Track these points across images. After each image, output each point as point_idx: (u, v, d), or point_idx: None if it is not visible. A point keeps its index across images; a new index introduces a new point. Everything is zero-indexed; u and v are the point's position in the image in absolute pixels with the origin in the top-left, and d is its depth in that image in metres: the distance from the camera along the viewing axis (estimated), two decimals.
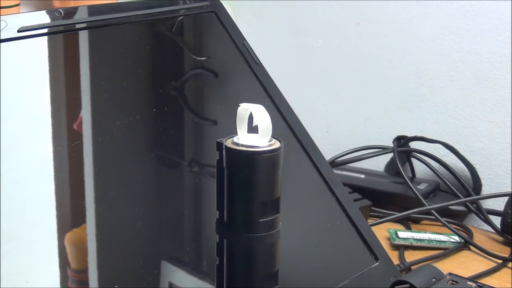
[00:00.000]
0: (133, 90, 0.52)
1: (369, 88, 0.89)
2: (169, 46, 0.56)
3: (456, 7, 0.81)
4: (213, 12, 0.59)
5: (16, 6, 0.73)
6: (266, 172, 0.38)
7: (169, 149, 0.52)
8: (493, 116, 0.80)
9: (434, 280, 0.51)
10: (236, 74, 0.59)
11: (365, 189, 0.79)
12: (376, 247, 0.56)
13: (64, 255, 0.43)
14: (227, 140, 0.39)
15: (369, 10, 0.88)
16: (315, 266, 0.53)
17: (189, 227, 0.51)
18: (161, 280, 0.46)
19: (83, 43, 0.51)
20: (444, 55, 0.82)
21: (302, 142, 0.57)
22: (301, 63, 0.95)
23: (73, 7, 0.51)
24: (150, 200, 0.49)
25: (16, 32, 0.47)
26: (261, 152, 0.37)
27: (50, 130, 0.47)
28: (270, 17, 0.97)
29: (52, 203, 0.44)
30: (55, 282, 0.42)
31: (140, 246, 0.47)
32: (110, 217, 0.46)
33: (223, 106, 0.57)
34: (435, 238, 0.70)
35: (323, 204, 0.57)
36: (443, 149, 0.81)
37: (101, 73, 0.51)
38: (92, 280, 0.44)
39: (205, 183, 0.52)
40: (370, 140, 0.89)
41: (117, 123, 0.49)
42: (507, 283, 0.63)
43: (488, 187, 0.81)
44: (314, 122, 0.93)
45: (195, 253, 0.49)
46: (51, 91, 0.48)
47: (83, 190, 0.46)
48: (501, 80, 0.79)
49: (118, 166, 0.49)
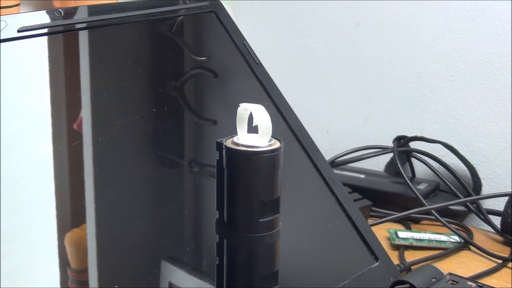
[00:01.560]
0: (133, 90, 0.52)
1: (369, 88, 0.89)
2: (169, 46, 0.56)
3: (456, 7, 0.81)
4: (213, 12, 0.59)
5: (16, 6, 0.73)
6: (266, 172, 0.38)
7: (169, 149, 0.52)
8: (493, 116, 0.80)
9: (434, 280, 0.51)
10: (236, 74, 0.59)
11: (365, 189, 0.79)
12: (376, 247, 0.56)
13: (64, 255, 0.43)
14: (227, 140, 0.39)
15: (369, 10, 0.88)
16: (315, 266, 0.53)
17: (189, 227, 0.51)
18: (161, 280, 0.46)
19: (83, 43, 0.51)
20: (444, 55, 0.82)
21: (302, 142, 0.57)
22: (301, 63, 0.95)
23: (73, 7, 0.51)
24: (150, 200, 0.49)
25: (16, 32, 0.47)
26: (261, 152, 0.37)
27: (50, 130, 0.47)
28: (270, 17, 0.97)
29: (52, 203, 0.44)
30: (55, 282, 0.42)
31: (140, 246, 0.47)
32: (110, 217, 0.46)
33: (223, 106, 0.57)
34: (435, 238, 0.70)
35: (323, 204, 0.57)
36: (443, 149, 0.81)
37: (101, 73, 0.51)
38: (92, 280, 0.44)
39: (205, 183, 0.52)
40: (370, 140, 0.89)
41: (117, 123, 0.49)
42: (507, 283, 0.63)
43: (488, 187, 0.81)
44: (314, 122, 0.93)
45: (195, 253, 0.49)
46: (51, 91, 0.48)
47: (83, 190, 0.46)
48: (501, 80, 0.79)
49: (118, 166, 0.49)
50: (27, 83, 0.47)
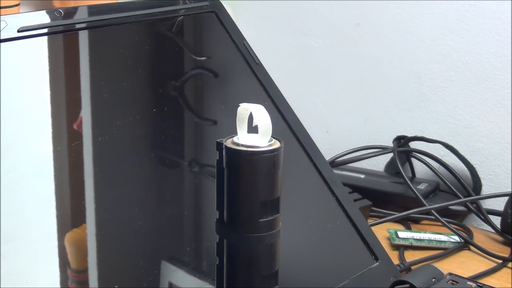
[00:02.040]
0: (133, 90, 0.52)
1: (369, 88, 0.89)
2: (169, 46, 0.56)
3: (456, 7, 0.81)
4: (213, 12, 0.59)
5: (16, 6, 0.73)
6: (266, 172, 0.38)
7: (169, 149, 0.52)
8: (493, 116, 0.80)
9: (434, 280, 0.51)
10: (236, 74, 0.59)
11: (365, 189, 0.79)
12: (376, 247, 0.56)
13: (64, 255, 0.43)
14: (227, 140, 0.39)
15: (369, 10, 0.88)
16: (315, 266, 0.53)
17: (189, 227, 0.51)
18: (161, 280, 0.46)
19: (83, 43, 0.51)
20: (444, 55, 0.82)
21: (302, 142, 0.57)
22: (301, 63, 0.95)
23: (73, 7, 0.51)
24: (150, 200, 0.49)
25: (16, 32, 0.47)
26: (261, 152, 0.37)
27: (50, 130, 0.47)
28: (270, 17, 0.97)
29: (52, 203, 0.44)
30: (55, 282, 0.42)
31: (140, 246, 0.47)
32: (110, 217, 0.46)
33: (223, 106, 0.57)
34: (435, 238, 0.69)
35: (323, 204, 0.57)
36: (443, 149, 0.81)
37: (101, 73, 0.51)
38: (92, 280, 0.44)
39: (205, 183, 0.52)
40: (370, 140, 0.89)
41: (117, 123, 0.49)
42: (507, 283, 0.63)
43: (488, 187, 0.81)
44: (314, 122, 0.93)
45: (195, 253, 0.49)
46: (51, 91, 0.48)
47: (83, 190, 0.46)
48: (501, 80, 0.79)
49: (118, 166, 0.49)
50: (27, 83, 0.47)
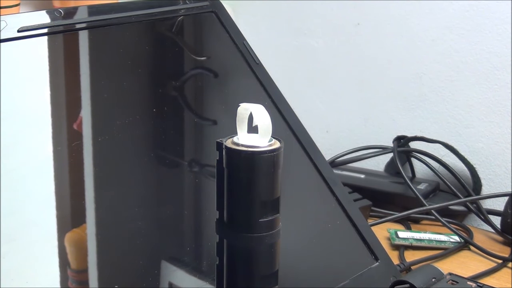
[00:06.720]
0: (133, 90, 0.52)
1: (369, 88, 0.89)
2: (169, 46, 0.56)
3: (456, 7, 0.81)
4: (213, 12, 0.59)
5: (16, 6, 0.73)
6: (266, 172, 0.38)
7: (169, 149, 0.52)
8: (493, 116, 0.80)
9: (434, 280, 0.51)
10: (236, 74, 0.59)
11: (365, 189, 0.79)
12: (376, 247, 0.56)
13: (64, 255, 0.43)
14: (227, 140, 0.39)
15: (369, 10, 0.88)
16: (315, 266, 0.53)
17: (189, 227, 0.51)
18: (161, 280, 0.46)
19: (83, 43, 0.51)
20: (444, 55, 0.82)
21: (302, 142, 0.57)
22: (301, 63, 0.95)
23: (73, 7, 0.51)
24: (150, 200, 0.49)
25: (16, 32, 0.47)
26: (261, 152, 0.37)
27: (50, 130, 0.47)
28: (270, 17, 0.97)
29: (52, 203, 0.44)
30: (55, 282, 0.42)
31: (140, 246, 0.47)
32: (110, 217, 0.46)
33: (223, 106, 0.57)
34: (435, 238, 0.70)
35: (323, 204, 0.57)
36: (443, 149, 0.81)
37: (101, 73, 0.51)
38: (92, 280, 0.44)
39: (205, 183, 0.52)
40: (370, 140, 0.89)
41: (117, 123, 0.49)
42: (507, 283, 0.63)
43: (488, 187, 0.81)
44: (314, 122, 0.93)
45: (195, 253, 0.49)
46: (51, 91, 0.48)
47: (83, 190, 0.46)
48: (501, 80, 0.79)
49: (118, 166, 0.49)
50: (27, 83, 0.47)
